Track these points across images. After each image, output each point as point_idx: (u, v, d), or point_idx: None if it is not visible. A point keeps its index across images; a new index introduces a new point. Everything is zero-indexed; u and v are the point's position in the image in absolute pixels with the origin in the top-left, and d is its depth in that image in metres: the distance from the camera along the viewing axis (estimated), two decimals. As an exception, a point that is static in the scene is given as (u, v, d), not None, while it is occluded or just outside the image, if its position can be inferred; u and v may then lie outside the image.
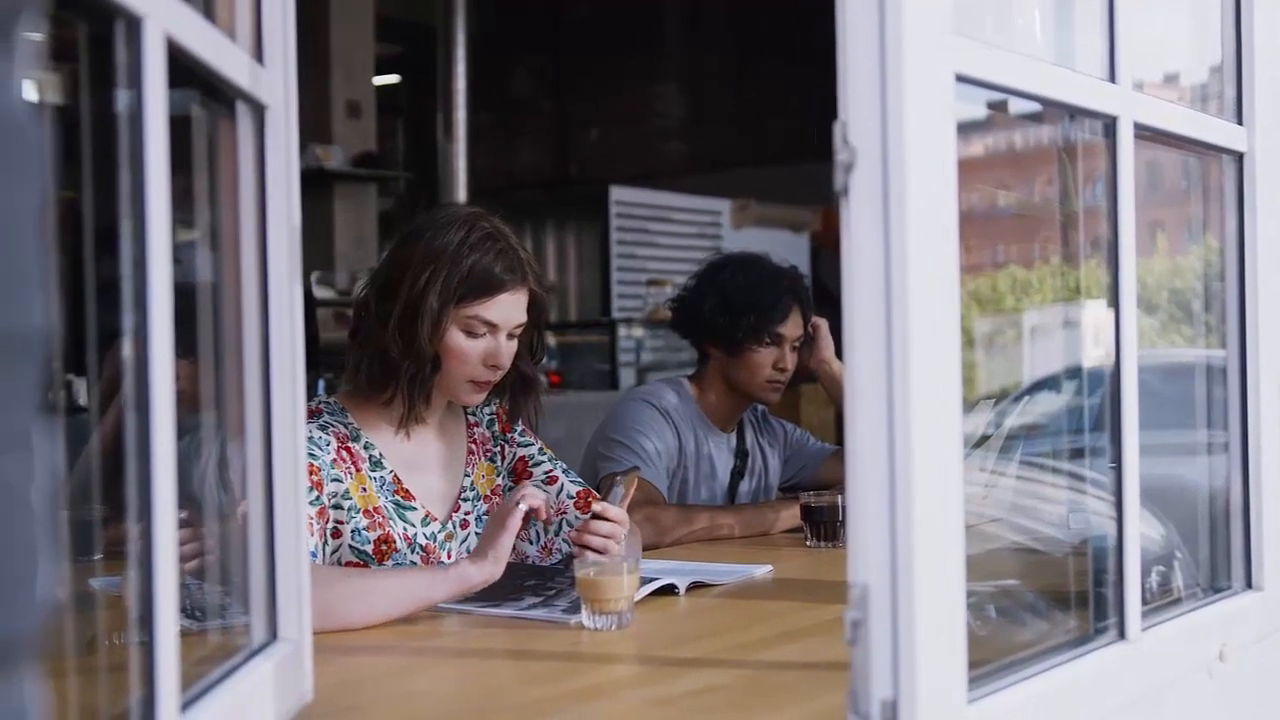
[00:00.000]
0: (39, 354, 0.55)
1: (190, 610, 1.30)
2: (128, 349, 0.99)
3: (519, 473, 2.39)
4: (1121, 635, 1.51)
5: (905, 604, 1.15)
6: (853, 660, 1.18)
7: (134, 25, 0.98)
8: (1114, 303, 1.52)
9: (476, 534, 2.31)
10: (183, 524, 1.06)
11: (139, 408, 0.99)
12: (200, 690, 1.15)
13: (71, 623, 1.17)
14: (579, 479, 2.41)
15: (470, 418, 2.40)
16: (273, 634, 1.37)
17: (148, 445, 0.99)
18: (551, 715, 1.50)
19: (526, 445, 2.41)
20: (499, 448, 2.41)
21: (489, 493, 2.37)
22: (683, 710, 1.51)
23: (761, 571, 2.36)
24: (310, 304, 6.04)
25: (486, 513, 2.34)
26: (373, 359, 2.21)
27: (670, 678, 1.65)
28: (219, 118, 1.32)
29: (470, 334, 2.20)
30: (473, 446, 2.37)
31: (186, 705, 1.08)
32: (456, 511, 2.32)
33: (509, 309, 2.21)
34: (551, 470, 2.39)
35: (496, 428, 2.41)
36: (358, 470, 2.20)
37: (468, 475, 2.35)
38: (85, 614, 1.55)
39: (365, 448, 2.24)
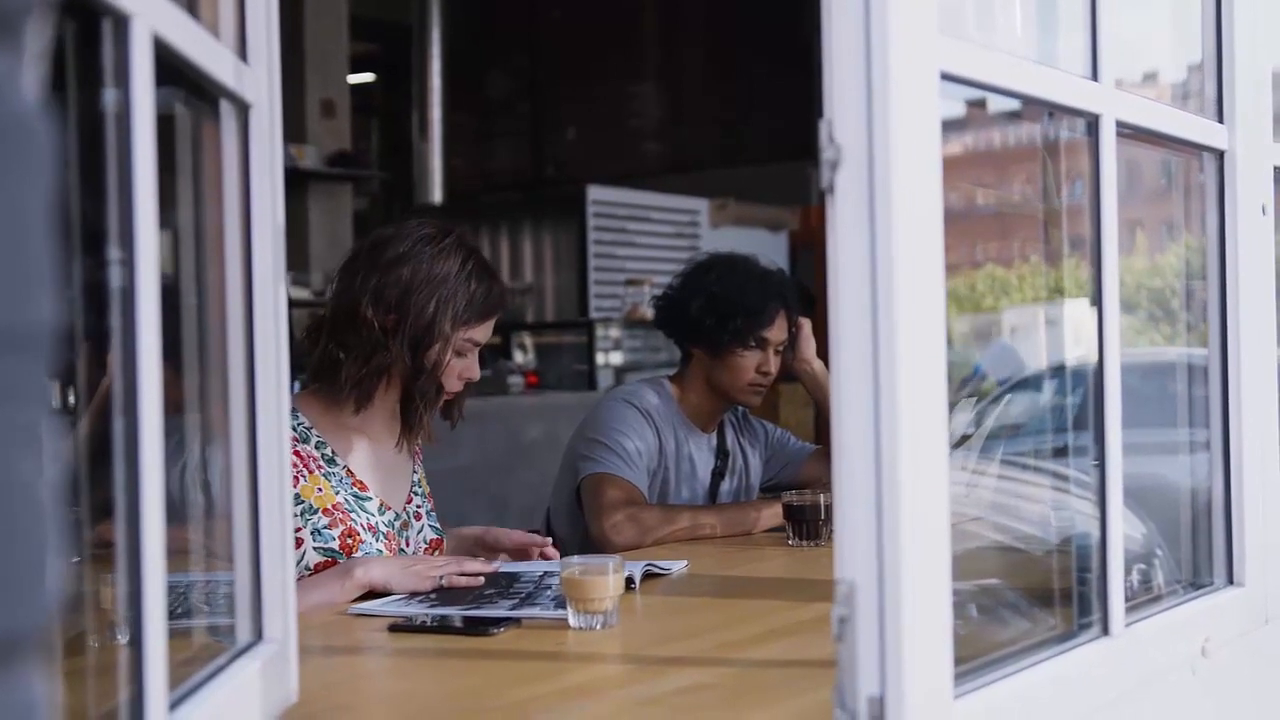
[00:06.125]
0: (46, 350, 0.56)
1: (172, 609, 1.29)
2: (115, 352, 0.98)
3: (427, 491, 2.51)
4: (1105, 631, 1.52)
5: (892, 600, 1.15)
6: (839, 657, 1.18)
7: (121, 24, 0.97)
8: (1096, 300, 1.53)
9: (430, 526, 2.43)
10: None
11: (126, 411, 0.98)
12: (187, 690, 1.15)
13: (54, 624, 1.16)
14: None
15: None
16: (258, 634, 1.36)
17: (135, 447, 0.99)
18: (539, 715, 1.50)
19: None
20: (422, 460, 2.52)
21: (428, 492, 2.49)
22: (671, 709, 1.51)
23: (678, 568, 2.36)
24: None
25: (431, 509, 2.46)
26: (377, 373, 2.25)
27: (657, 676, 1.65)
28: (202, 116, 1.31)
29: (459, 354, 2.29)
30: (417, 448, 2.47)
31: (174, 705, 1.07)
32: (409, 503, 2.41)
33: (491, 329, 2.34)
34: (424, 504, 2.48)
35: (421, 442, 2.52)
36: (310, 471, 2.22)
37: (416, 472, 2.46)
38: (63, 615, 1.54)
39: (317, 447, 2.28)
